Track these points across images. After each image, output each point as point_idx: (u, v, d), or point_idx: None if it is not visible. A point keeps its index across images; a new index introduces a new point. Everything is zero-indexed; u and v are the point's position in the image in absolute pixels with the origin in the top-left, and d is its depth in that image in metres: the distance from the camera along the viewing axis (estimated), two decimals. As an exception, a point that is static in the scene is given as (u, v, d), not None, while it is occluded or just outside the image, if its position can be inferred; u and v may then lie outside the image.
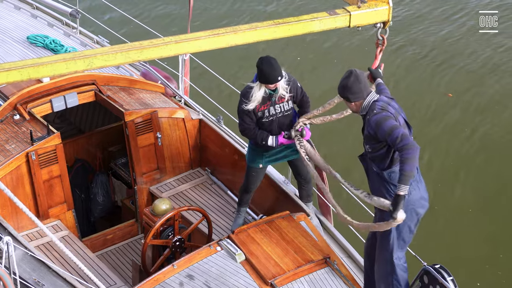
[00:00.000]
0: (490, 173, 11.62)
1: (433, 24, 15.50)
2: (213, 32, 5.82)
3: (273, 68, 7.05)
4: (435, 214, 10.28)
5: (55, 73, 5.50)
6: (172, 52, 5.74)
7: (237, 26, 5.92)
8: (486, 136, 12.41)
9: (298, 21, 6.01)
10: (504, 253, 10.32)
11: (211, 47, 5.85)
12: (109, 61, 5.59)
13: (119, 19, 14.62)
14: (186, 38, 5.77)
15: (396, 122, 5.97)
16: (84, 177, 9.42)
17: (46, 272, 6.80)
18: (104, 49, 5.65)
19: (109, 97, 8.45)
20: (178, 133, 8.66)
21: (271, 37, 5.99)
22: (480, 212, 10.95)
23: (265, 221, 7.18)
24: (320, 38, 14.68)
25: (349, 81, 6.16)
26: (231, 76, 12.90)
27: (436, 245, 10.15)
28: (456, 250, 10.27)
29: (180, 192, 8.62)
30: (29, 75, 5.40)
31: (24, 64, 5.38)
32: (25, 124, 8.02)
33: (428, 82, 13.77)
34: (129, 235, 8.76)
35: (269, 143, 7.33)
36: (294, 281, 6.64)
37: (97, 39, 10.45)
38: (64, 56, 5.53)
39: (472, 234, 10.58)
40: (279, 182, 8.02)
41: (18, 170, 7.67)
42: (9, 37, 9.71)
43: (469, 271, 9.86)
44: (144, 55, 5.66)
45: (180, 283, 6.58)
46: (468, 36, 15.01)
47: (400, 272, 6.42)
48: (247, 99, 7.21)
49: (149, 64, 9.68)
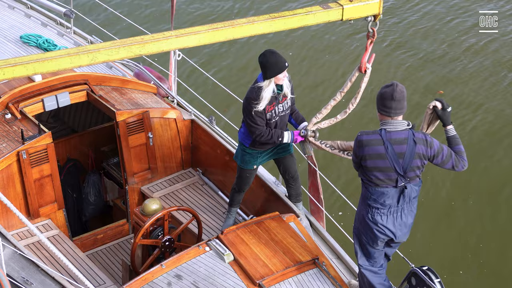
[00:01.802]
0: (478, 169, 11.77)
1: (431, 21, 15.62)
2: (212, 26, 5.93)
3: (278, 55, 7.00)
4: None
5: (60, 67, 5.57)
6: (173, 46, 5.86)
7: (235, 20, 6.04)
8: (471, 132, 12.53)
9: (293, 15, 6.15)
10: (484, 243, 10.51)
11: (210, 41, 5.97)
12: (112, 55, 5.67)
13: (113, 19, 14.65)
14: (186, 32, 5.87)
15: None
16: (76, 176, 9.42)
17: (35, 271, 6.81)
18: (107, 43, 5.71)
19: (101, 97, 8.46)
20: (169, 133, 8.67)
21: (267, 31, 6.13)
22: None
23: (254, 222, 7.18)
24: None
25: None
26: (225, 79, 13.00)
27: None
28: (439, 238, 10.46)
29: (171, 192, 8.63)
30: (34, 70, 5.48)
31: (29, 59, 5.45)
32: (17, 123, 8.02)
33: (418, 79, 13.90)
34: (120, 235, 8.77)
35: (285, 139, 7.29)
36: (282, 282, 6.65)
37: (91, 39, 10.47)
38: (68, 51, 5.60)
39: (454, 225, 10.82)
40: (269, 183, 8.02)
41: (9, 169, 7.67)
42: (2, 36, 9.72)
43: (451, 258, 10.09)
44: (146, 49, 5.75)
45: (168, 283, 6.59)
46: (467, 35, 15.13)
47: (365, 273, 6.56)
48: (257, 100, 7.08)
49: (142, 65, 9.70)
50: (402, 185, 6.15)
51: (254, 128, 7.21)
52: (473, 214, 10.95)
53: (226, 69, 14.02)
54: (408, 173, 6.14)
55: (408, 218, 6.34)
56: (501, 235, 10.62)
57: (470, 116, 12.84)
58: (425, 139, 6.11)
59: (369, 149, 6.11)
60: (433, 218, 10.80)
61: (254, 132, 7.23)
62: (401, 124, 6.11)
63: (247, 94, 7.20)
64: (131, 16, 14.63)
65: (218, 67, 14.01)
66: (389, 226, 6.30)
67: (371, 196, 6.23)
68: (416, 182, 6.25)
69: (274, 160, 7.79)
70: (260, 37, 14.35)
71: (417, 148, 6.06)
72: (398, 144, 6.07)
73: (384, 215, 6.26)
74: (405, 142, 6.07)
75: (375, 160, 6.09)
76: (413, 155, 6.08)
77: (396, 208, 6.25)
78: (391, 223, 6.29)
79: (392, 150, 6.07)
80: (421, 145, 6.09)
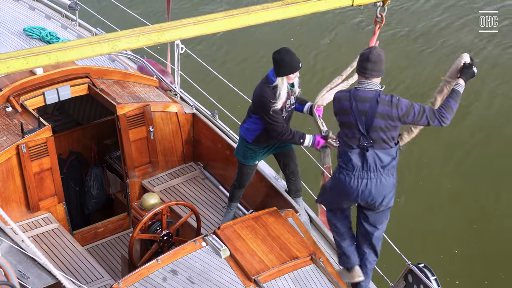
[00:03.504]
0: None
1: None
2: (228, 14, 6.02)
3: (293, 55, 6.98)
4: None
5: (82, 56, 5.63)
6: (191, 34, 5.92)
7: (250, 7, 6.14)
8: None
9: (306, 1, 6.28)
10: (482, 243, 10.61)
11: (226, 27, 6.06)
12: (132, 43, 5.73)
13: (117, 12, 14.68)
14: (204, 19, 5.94)
15: None
16: (78, 169, 9.43)
17: (31, 265, 6.80)
18: (126, 31, 5.75)
19: (102, 90, 8.44)
20: (171, 127, 8.65)
21: (281, 17, 6.26)
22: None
23: (251, 217, 7.14)
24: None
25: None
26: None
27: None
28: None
29: (172, 186, 8.61)
30: (57, 59, 5.52)
31: (52, 48, 5.49)
32: (17, 116, 8.03)
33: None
34: (121, 229, 8.77)
35: (307, 142, 7.23)
36: (278, 278, 6.60)
37: (95, 32, 10.44)
38: (89, 40, 5.63)
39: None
40: (269, 178, 7.99)
41: (9, 162, 7.68)
42: (6, 29, 9.72)
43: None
44: (165, 37, 5.83)
45: (163, 278, 6.57)
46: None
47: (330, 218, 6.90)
48: (274, 99, 7.02)
49: (145, 58, 9.68)
50: (365, 145, 6.31)
51: (275, 126, 7.14)
52: (474, 214, 10.98)
53: (230, 62, 14.05)
54: (371, 133, 6.29)
55: (376, 188, 6.44)
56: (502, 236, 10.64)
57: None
58: (390, 100, 6.27)
59: (338, 105, 6.44)
60: (431, 216, 10.84)
61: (275, 130, 7.16)
62: (373, 85, 6.33)
63: (263, 93, 7.09)
64: (134, 9, 14.64)
65: (221, 60, 14.05)
66: (352, 188, 6.46)
67: (340, 156, 6.52)
68: (384, 149, 6.35)
69: (274, 155, 7.74)
70: (260, 30, 14.41)
71: (379, 107, 6.24)
72: (362, 101, 6.30)
73: (348, 176, 6.45)
74: (368, 101, 6.28)
75: (342, 115, 6.40)
76: (375, 114, 6.25)
77: (362, 173, 6.40)
78: (354, 186, 6.44)
79: (356, 106, 6.30)
80: (385, 105, 6.24)
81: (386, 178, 6.39)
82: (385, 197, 6.45)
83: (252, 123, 7.39)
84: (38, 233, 7.83)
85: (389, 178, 6.41)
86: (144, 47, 6.06)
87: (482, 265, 10.19)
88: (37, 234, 7.79)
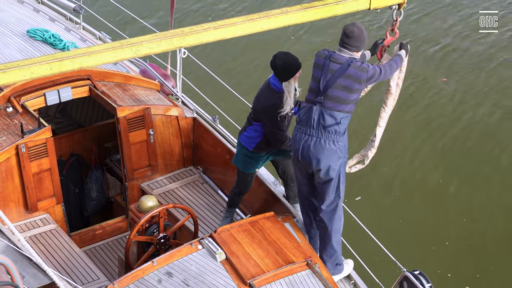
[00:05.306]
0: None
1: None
2: (248, 18, 6.09)
3: (290, 55, 7.03)
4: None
5: (104, 61, 5.68)
6: (211, 38, 5.99)
7: (269, 11, 6.25)
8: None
9: (324, 5, 6.41)
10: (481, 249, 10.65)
11: (246, 32, 6.14)
12: (154, 48, 5.78)
13: (123, 16, 14.74)
14: (224, 24, 6.02)
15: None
16: (78, 171, 9.44)
17: (27, 264, 6.81)
18: (147, 37, 5.79)
19: (103, 93, 8.46)
20: (171, 130, 8.66)
21: (300, 21, 6.39)
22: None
23: (248, 221, 7.13)
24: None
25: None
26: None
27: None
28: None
29: (170, 190, 8.61)
30: (80, 64, 5.56)
31: (75, 54, 5.52)
32: (18, 116, 8.05)
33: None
34: (119, 231, 8.77)
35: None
36: (273, 282, 6.60)
37: (99, 35, 10.48)
38: (113, 45, 5.67)
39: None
40: (268, 184, 7.99)
41: (8, 162, 7.69)
42: (9, 30, 9.77)
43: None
44: (186, 41, 5.88)
45: (158, 280, 6.57)
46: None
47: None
48: (282, 105, 7.02)
49: (148, 62, 9.70)
50: (316, 101, 6.66)
51: (277, 134, 7.22)
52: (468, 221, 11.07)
53: (233, 68, 14.08)
54: (329, 90, 6.62)
55: (314, 148, 6.71)
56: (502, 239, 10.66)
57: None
58: (360, 66, 6.65)
59: (315, 59, 6.82)
60: (426, 221, 10.92)
61: (276, 138, 7.24)
62: (349, 54, 6.71)
63: (270, 100, 7.10)
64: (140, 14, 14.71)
65: (225, 66, 14.07)
66: (296, 142, 6.79)
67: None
68: (331, 109, 6.64)
69: (272, 162, 7.75)
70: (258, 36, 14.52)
71: (349, 70, 6.62)
72: (335, 62, 6.68)
73: (296, 130, 6.82)
74: (341, 63, 6.66)
75: (314, 68, 6.80)
76: (342, 74, 6.62)
77: (306, 128, 6.73)
78: (298, 139, 6.78)
79: (328, 64, 6.69)
80: (355, 69, 6.62)
81: (326, 141, 6.66)
82: (320, 161, 6.68)
83: (253, 131, 7.39)
84: (36, 233, 7.84)
85: (329, 142, 6.67)
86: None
87: (473, 258, 10.32)
88: (35, 235, 7.79)
